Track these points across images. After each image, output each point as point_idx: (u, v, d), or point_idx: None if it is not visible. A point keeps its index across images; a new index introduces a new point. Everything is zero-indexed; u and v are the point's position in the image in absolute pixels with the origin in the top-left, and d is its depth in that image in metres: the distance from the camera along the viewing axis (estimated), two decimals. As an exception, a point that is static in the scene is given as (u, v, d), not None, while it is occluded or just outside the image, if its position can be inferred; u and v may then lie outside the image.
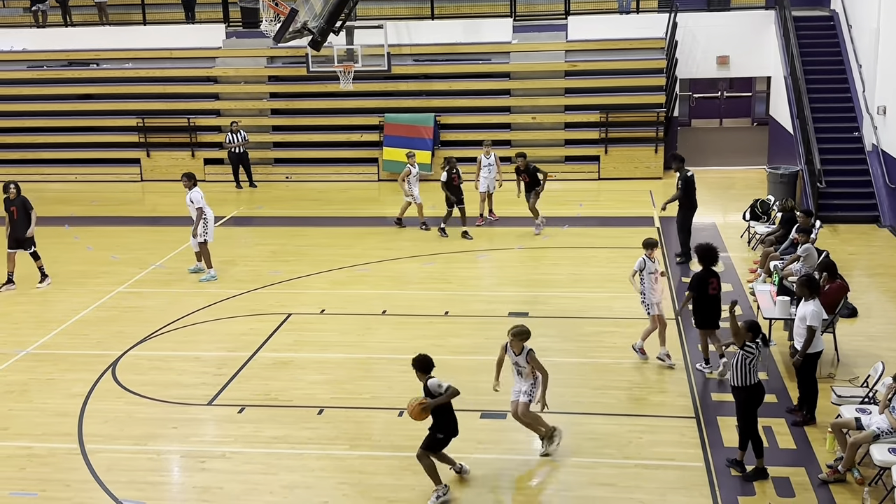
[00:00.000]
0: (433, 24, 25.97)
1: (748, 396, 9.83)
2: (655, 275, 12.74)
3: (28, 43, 27.39)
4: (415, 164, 19.54)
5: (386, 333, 14.21)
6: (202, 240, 16.81)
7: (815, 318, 10.66)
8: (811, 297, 10.86)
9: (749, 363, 9.72)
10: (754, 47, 25.03)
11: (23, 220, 16.50)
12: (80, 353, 13.58)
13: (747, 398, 9.84)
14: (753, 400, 9.84)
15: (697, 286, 12.14)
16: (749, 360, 9.72)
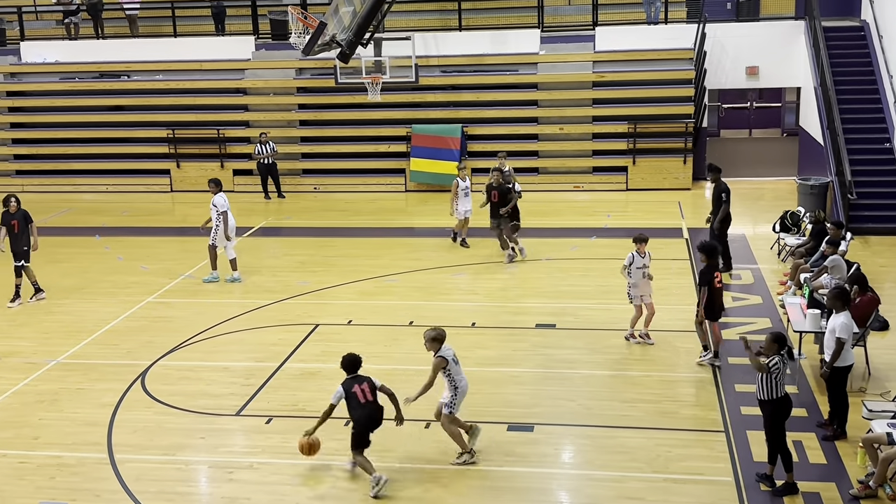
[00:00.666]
0: (461, 36, 26.01)
1: (775, 410, 9.74)
2: (644, 269, 13.63)
3: (60, 55, 27.72)
4: (465, 178, 18.94)
5: (413, 345, 14.16)
6: (213, 243, 17.17)
7: (844, 331, 10.56)
8: (842, 310, 10.76)
9: (775, 377, 9.64)
10: (784, 58, 24.86)
11: (24, 234, 16.50)
12: (110, 363, 13.69)
13: (774, 411, 9.75)
14: (781, 413, 9.76)
15: (706, 280, 12.69)
16: (775, 374, 9.64)
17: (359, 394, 10.08)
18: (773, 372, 9.61)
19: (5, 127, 27.36)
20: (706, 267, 12.75)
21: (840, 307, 10.78)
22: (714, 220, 16.91)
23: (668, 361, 13.28)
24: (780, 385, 9.69)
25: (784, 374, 9.70)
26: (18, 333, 15.11)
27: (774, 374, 9.61)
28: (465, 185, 18.82)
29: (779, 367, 9.63)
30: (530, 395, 12.33)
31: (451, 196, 19.00)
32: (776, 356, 9.66)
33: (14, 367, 13.64)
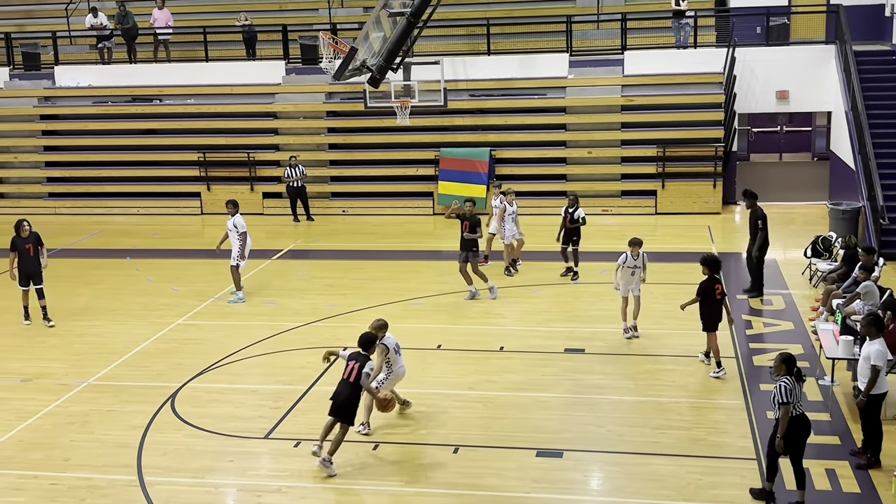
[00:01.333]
0: (489, 60, 26.11)
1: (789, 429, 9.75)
2: (634, 269, 14.99)
3: (93, 79, 28.09)
4: (512, 202, 18.73)
5: (441, 368, 14.19)
6: (235, 263, 17.50)
7: (880, 358, 10.45)
8: (876, 337, 10.64)
9: (782, 400, 9.68)
10: (814, 82, 24.75)
11: (38, 256, 16.76)
12: (140, 385, 13.77)
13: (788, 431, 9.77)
14: (795, 432, 9.76)
15: (705, 292, 13.36)
16: (786, 391, 9.67)
17: (347, 369, 10.97)
18: (783, 397, 9.64)
19: (39, 150, 27.73)
20: (707, 279, 13.41)
21: (874, 334, 10.67)
22: (752, 248, 16.82)
23: (699, 387, 13.18)
24: (797, 405, 9.74)
25: (796, 395, 9.72)
26: (50, 355, 15.24)
27: (786, 396, 9.63)
28: (511, 209, 18.75)
29: (789, 388, 9.67)
30: (559, 420, 12.26)
31: (496, 218, 18.87)
32: (785, 377, 9.74)
33: (46, 389, 13.75)
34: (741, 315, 16.06)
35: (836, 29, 24.32)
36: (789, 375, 9.77)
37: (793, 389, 9.71)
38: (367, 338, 11.14)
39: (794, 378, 9.79)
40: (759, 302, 16.78)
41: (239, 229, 17.43)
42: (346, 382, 10.89)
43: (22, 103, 27.97)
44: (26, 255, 16.65)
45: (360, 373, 10.81)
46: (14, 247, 16.67)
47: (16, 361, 14.97)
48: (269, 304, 17.62)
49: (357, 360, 10.93)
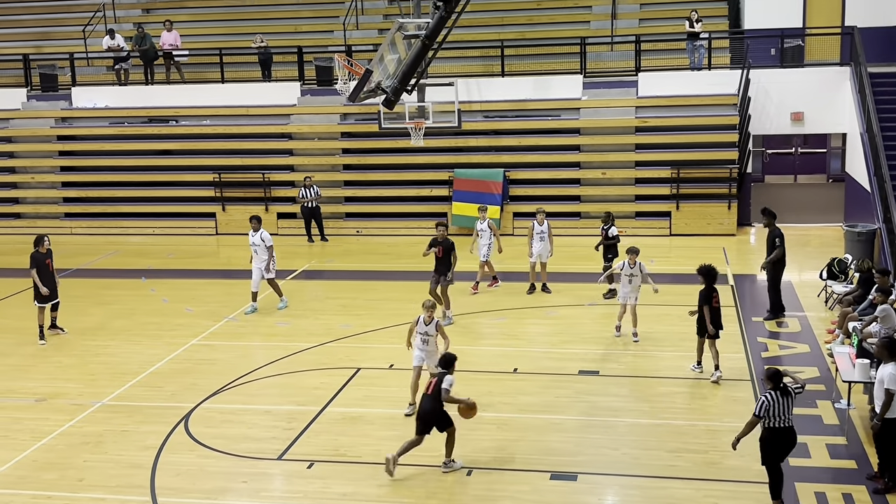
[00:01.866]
0: (503, 82, 26.18)
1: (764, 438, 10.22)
2: (631, 277, 15.84)
3: (110, 100, 28.30)
4: (542, 222, 18.89)
5: (454, 389, 14.12)
6: (272, 275, 18.22)
7: (893, 382, 10.37)
8: (890, 360, 10.56)
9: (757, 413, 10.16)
10: (829, 104, 24.71)
11: (53, 273, 17.09)
12: (154, 405, 13.79)
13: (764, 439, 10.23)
14: (778, 444, 10.16)
15: (706, 300, 14.03)
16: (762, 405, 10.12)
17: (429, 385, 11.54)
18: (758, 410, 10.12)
19: (55, 170, 27.91)
20: (705, 288, 14.10)
21: (888, 357, 10.59)
22: (766, 263, 16.78)
23: (714, 410, 13.10)
24: (773, 419, 10.11)
25: (779, 408, 10.08)
26: (65, 375, 15.28)
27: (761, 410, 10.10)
28: (540, 228, 18.89)
29: (767, 402, 10.09)
30: (574, 443, 12.21)
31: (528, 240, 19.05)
32: (769, 392, 10.16)
33: (60, 409, 13.79)
34: (757, 338, 15.98)
35: (851, 51, 24.31)
36: (774, 391, 10.13)
37: (772, 405, 10.08)
38: (447, 358, 11.72)
39: (780, 393, 10.12)
40: (775, 324, 16.68)
41: (266, 243, 18.10)
42: (428, 396, 11.46)
43: (39, 124, 28.19)
44: (45, 271, 16.86)
45: (439, 388, 11.34)
46: (35, 262, 16.85)
47: (30, 381, 15.03)
48: (283, 324, 17.65)
49: (436, 376, 11.56)
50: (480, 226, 19.11)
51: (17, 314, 18.89)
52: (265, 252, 18.09)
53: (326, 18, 30.35)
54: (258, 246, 18.11)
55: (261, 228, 18.22)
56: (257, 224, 18.24)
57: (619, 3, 28.55)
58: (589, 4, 29.22)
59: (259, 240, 18.09)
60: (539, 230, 18.88)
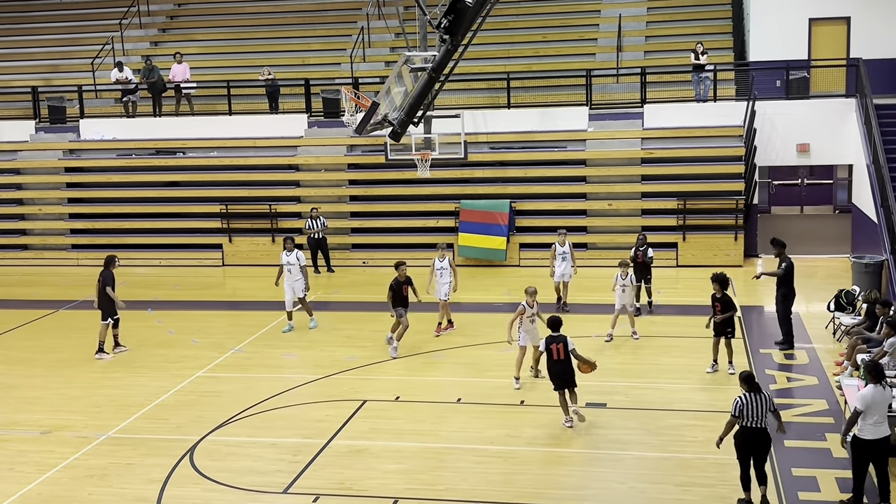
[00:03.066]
0: (509, 113, 26.28)
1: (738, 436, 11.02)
2: (625, 287, 17.49)
3: (118, 132, 28.44)
4: (564, 243, 19.78)
5: (461, 422, 14.09)
6: (304, 294, 19.09)
7: (861, 401, 10.71)
8: (871, 383, 10.88)
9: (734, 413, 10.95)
10: (835, 135, 24.74)
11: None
12: (159, 438, 13.73)
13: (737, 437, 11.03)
14: (750, 441, 10.92)
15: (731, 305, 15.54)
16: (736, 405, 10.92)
17: (553, 351, 13.40)
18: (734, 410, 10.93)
19: (63, 202, 28.00)
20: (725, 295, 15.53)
21: (872, 380, 10.91)
22: (762, 275, 16.88)
23: (723, 443, 12.96)
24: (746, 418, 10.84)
25: (751, 410, 10.83)
26: (70, 407, 15.25)
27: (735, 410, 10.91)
28: (562, 249, 19.69)
29: (741, 403, 10.90)
30: (579, 476, 12.13)
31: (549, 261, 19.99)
32: (743, 394, 10.94)
33: (65, 441, 13.74)
34: (765, 370, 15.89)
35: (857, 82, 24.37)
36: (748, 392, 10.92)
37: (745, 405, 10.87)
38: (554, 320, 13.61)
39: (754, 394, 10.90)
40: (783, 356, 16.61)
41: (300, 262, 18.97)
42: (558, 361, 13.37)
43: (47, 156, 28.34)
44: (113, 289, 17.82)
45: (567, 350, 13.33)
46: (110, 280, 17.89)
47: (36, 413, 14.99)
48: (288, 356, 17.62)
49: (556, 341, 13.39)
50: (440, 264, 18.83)
51: (24, 346, 18.90)
52: (299, 272, 18.84)
53: (334, 51, 30.56)
54: (293, 265, 18.90)
55: (294, 248, 19.04)
56: (291, 244, 19.11)
57: (625, 36, 28.70)
58: (594, 37, 29.38)
59: (294, 259, 18.91)
60: (561, 251, 19.76)
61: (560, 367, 13.41)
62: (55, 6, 35.23)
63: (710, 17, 29.34)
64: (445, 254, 19.12)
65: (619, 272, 17.67)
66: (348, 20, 31.60)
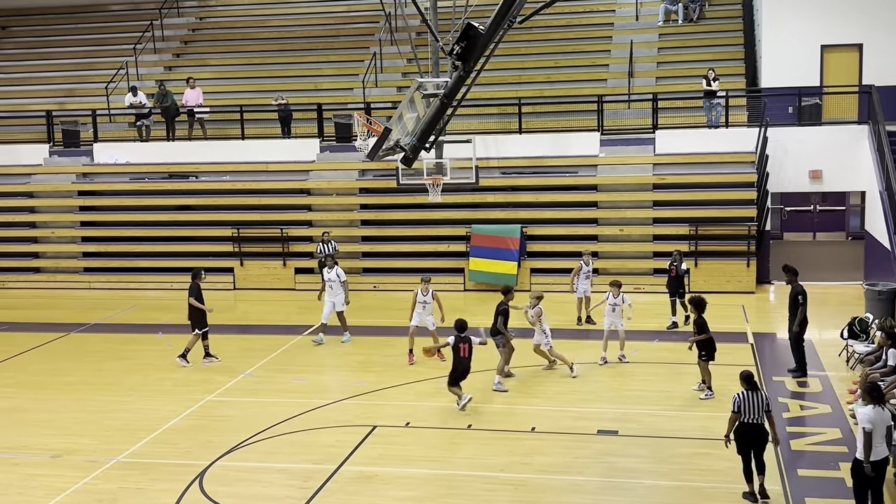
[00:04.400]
0: (521, 139, 26.33)
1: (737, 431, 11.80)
2: (615, 306, 17.98)
3: (131, 156, 28.59)
4: (589, 262, 20.87)
5: (471, 449, 14.01)
6: (342, 308, 19.99)
7: (865, 420, 10.70)
8: (870, 403, 10.87)
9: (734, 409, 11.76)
10: (848, 162, 24.69)
11: None
12: (169, 463, 13.69)
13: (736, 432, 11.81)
14: (740, 438, 11.75)
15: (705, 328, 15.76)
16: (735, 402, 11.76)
17: (461, 350, 15.16)
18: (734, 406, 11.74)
19: (75, 225, 28.13)
20: (699, 318, 15.89)
21: (869, 400, 10.93)
22: (794, 325, 16.68)
23: (735, 472, 12.80)
24: (744, 414, 11.68)
25: (749, 406, 11.66)
26: (80, 431, 15.22)
27: (735, 406, 11.73)
28: (587, 269, 20.87)
29: (739, 399, 11.73)
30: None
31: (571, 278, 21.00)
32: (742, 391, 11.75)
33: (75, 465, 13.72)
34: (778, 398, 15.77)
35: (869, 109, 24.35)
36: (747, 391, 11.72)
37: (743, 402, 11.68)
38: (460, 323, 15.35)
39: (751, 393, 11.70)
40: (797, 384, 16.50)
41: (341, 278, 19.99)
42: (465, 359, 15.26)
43: (61, 179, 28.50)
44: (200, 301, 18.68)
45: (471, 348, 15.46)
46: (197, 292, 18.69)
47: (46, 437, 14.97)
48: (298, 380, 17.57)
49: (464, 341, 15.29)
50: (423, 297, 18.55)
51: (35, 369, 18.92)
52: (340, 288, 19.85)
53: (346, 76, 30.72)
54: (334, 281, 19.89)
55: (335, 265, 20.07)
56: (332, 262, 20.23)
57: (637, 62, 28.77)
58: (606, 63, 29.46)
59: (335, 275, 19.90)
60: (586, 270, 20.83)
61: (467, 363, 15.22)
62: (71, 31, 35.59)
63: (722, 43, 29.41)
64: (429, 287, 18.78)
65: (611, 292, 18.05)
66: (361, 46, 31.79)
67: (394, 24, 31.12)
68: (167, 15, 34.70)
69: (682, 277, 20.68)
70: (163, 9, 34.67)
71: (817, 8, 26.50)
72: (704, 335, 15.77)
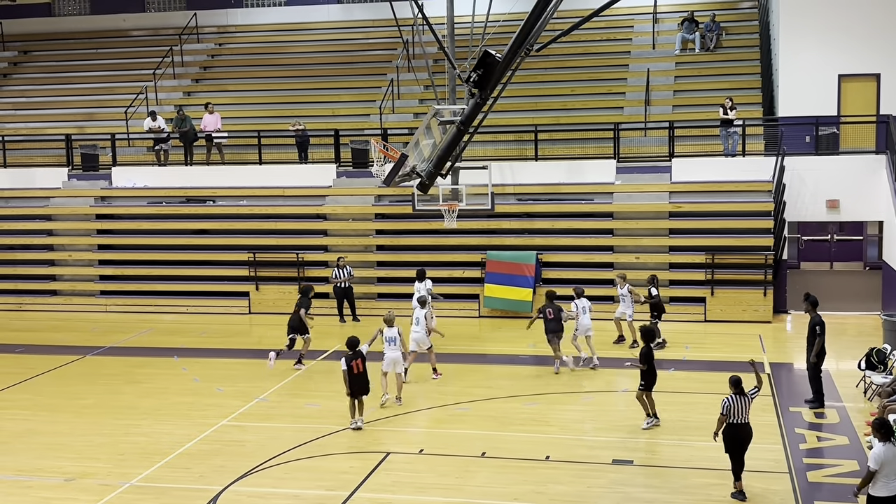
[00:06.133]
0: (537, 165, 26.37)
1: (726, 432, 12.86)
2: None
3: (149, 180, 28.78)
4: (623, 285, 21.10)
5: (485, 477, 13.93)
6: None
7: (873, 460, 10.80)
8: (882, 441, 10.86)
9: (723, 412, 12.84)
10: (865, 191, 24.57)
11: None
12: (182, 487, 13.66)
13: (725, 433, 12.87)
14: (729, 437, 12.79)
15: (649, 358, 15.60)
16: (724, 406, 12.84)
17: (354, 367, 15.63)
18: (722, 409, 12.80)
19: (93, 248, 28.28)
20: (645, 346, 15.65)
21: (879, 437, 10.92)
22: (811, 355, 16.56)
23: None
24: (733, 416, 12.75)
25: (736, 409, 12.78)
26: (94, 454, 15.23)
27: (724, 409, 12.79)
28: (621, 291, 21.06)
29: (728, 403, 12.80)
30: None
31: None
32: (730, 395, 12.83)
33: (87, 489, 13.72)
34: (795, 428, 15.65)
35: (887, 139, 24.29)
36: (735, 395, 12.81)
37: (732, 405, 12.75)
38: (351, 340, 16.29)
39: (739, 396, 12.80)
40: (814, 415, 16.35)
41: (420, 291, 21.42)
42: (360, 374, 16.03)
43: (79, 202, 28.69)
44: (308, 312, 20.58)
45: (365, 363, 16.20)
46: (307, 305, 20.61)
47: (60, 460, 14.99)
48: (312, 405, 17.55)
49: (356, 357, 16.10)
50: (389, 333, 18.02)
51: (50, 391, 18.97)
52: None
53: (363, 102, 30.90)
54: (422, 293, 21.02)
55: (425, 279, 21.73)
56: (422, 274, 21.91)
57: (653, 90, 28.83)
58: (622, 91, 29.53)
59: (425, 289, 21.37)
60: (621, 292, 21.11)
61: (362, 378, 15.87)
62: (91, 56, 35.96)
63: (739, 72, 29.44)
64: (395, 325, 18.25)
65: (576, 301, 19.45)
66: (378, 72, 31.99)
67: (411, 52, 31.32)
68: (187, 41, 35.03)
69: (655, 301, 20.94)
70: (182, 35, 35.00)
71: (835, 37, 26.49)
72: (646, 366, 15.57)
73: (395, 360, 17.65)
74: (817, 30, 26.63)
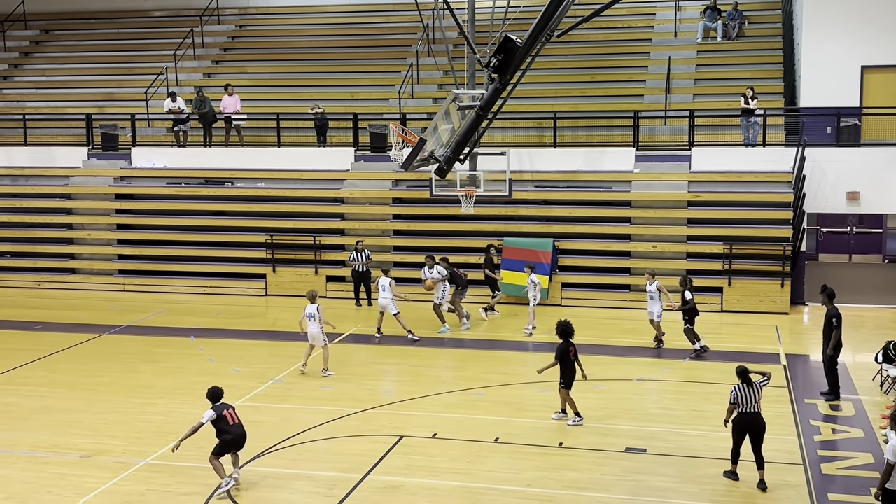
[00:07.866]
0: (555, 152, 26.28)
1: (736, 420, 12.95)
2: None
3: (168, 161, 28.87)
4: (651, 282, 20.14)
5: (498, 463, 13.96)
6: (439, 301, 21.80)
7: (892, 453, 10.57)
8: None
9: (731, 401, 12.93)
10: (886, 184, 24.37)
11: None
12: (197, 466, 13.73)
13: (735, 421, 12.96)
14: (737, 425, 12.92)
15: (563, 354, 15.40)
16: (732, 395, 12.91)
17: (228, 417, 13.08)
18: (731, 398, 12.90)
19: (112, 228, 28.42)
20: (563, 344, 15.40)
21: (894, 427, 10.93)
22: (828, 348, 16.50)
23: (765, 495, 12.74)
24: (742, 405, 12.80)
25: (745, 398, 12.79)
26: (110, 432, 15.35)
27: (732, 398, 12.88)
28: (650, 288, 20.05)
29: (736, 392, 12.87)
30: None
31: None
32: (737, 384, 12.86)
33: (103, 466, 13.84)
34: (810, 420, 15.59)
35: (909, 131, 24.09)
36: (742, 384, 12.82)
37: (740, 394, 12.79)
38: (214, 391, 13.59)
39: (746, 385, 12.79)
40: (829, 407, 16.29)
41: (441, 275, 21.94)
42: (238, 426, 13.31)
43: (98, 182, 28.82)
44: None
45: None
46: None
47: (76, 437, 15.12)
48: (327, 388, 17.62)
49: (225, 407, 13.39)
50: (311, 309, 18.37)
51: (67, 369, 19.12)
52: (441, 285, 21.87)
53: (382, 86, 30.85)
54: (437, 276, 21.83)
55: (435, 265, 21.99)
56: (432, 262, 22.06)
57: (674, 78, 28.65)
58: (643, 78, 29.37)
59: (435, 273, 21.86)
60: (649, 290, 20.07)
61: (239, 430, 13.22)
62: (112, 36, 36.02)
63: (761, 61, 29.22)
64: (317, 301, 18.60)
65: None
66: (398, 57, 31.93)
67: (431, 36, 31.23)
68: (207, 22, 35.05)
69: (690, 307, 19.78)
70: (203, 16, 35.02)
71: (858, 28, 26.26)
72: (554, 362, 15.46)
73: (315, 335, 18.31)
74: (841, 20, 26.41)
